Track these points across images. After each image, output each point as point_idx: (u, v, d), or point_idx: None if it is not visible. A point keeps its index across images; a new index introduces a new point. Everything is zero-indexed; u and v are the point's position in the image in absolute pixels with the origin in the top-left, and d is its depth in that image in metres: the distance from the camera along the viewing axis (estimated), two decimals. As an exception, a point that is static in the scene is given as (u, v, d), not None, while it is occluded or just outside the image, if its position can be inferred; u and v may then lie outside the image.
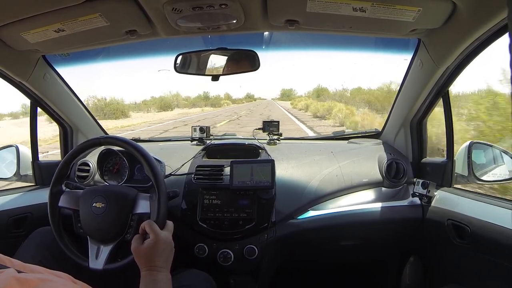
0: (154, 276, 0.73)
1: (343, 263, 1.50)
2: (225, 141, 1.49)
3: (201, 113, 24.19)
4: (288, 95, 49.82)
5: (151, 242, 0.76)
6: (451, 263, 1.07)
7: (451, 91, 1.14)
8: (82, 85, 54.85)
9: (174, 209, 1.16)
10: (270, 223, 1.14)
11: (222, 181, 1.19)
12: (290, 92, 51.30)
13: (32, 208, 1.22)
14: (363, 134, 1.60)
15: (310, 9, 0.87)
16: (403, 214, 1.18)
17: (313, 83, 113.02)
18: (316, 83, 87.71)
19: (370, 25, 0.95)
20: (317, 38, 1.44)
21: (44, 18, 0.87)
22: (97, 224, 0.92)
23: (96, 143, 1.00)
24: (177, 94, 35.95)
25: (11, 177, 1.36)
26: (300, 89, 56.37)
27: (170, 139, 1.74)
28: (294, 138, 1.67)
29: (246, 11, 0.89)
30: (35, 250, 0.96)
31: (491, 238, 0.88)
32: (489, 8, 0.78)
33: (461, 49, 0.94)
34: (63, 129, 1.46)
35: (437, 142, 1.61)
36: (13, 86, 1.21)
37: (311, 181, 1.22)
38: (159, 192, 0.88)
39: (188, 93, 52.24)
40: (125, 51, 1.43)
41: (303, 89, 68.10)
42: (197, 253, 1.13)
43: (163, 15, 0.88)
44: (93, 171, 1.32)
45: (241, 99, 48.49)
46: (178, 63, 1.18)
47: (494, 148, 1.20)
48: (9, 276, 0.42)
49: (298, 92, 48.59)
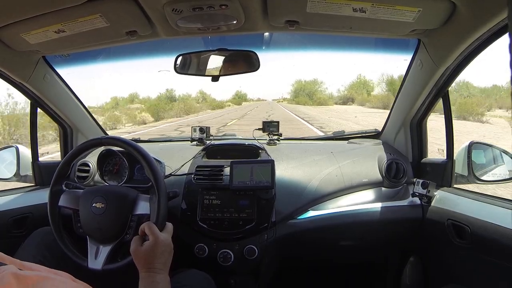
0: (153, 278, 0.73)
1: (343, 263, 1.50)
2: (225, 142, 1.49)
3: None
4: (311, 92, 37.49)
5: (150, 244, 0.76)
6: (451, 263, 1.07)
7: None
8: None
9: (174, 209, 1.16)
10: (270, 223, 1.14)
11: (222, 181, 1.19)
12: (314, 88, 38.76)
13: (32, 208, 1.22)
14: (363, 134, 1.60)
15: (310, 9, 0.87)
16: (403, 214, 1.19)
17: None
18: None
19: (370, 25, 0.95)
20: (317, 38, 1.44)
21: (44, 19, 0.87)
22: (97, 224, 0.92)
23: (96, 143, 1.01)
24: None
25: (11, 177, 1.36)
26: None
27: (170, 139, 1.74)
28: (294, 138, 1.67)
29: (246, 12, 0.89)
30: (35, 250, 0.96)
31: (491, 238, 0.88)
32: (489, 8, 0.78)
33: (461, 49, 0.94)
34: (63, 129, 1.46)
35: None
36: (13, 87, 1.21)
37: (311, 181, 1.22)
38: (159, 193, 0.89)
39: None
40: (125, 51, 1.44)
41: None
42: (197, 253, 1.13)
43: (163, 16, 0.88)
44: (93, 171, 1.32)
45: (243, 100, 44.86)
46: (178, 64, 1.18)
47: (494, 148, 1.20)
48: (8, 273, 0.42)
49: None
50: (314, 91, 38.85)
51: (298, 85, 41.43)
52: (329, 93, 38.59)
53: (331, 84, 63.80)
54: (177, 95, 34.05)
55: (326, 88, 41.52)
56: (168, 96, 32.28)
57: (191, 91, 53.16)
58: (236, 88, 50.28)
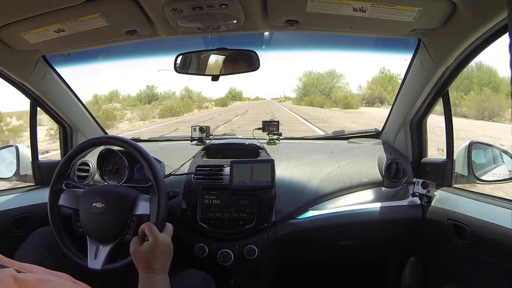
0: (152, 278, 0.73)
1: (343, 263, 1.50)
2: (225, 141, 1.48)
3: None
4: (326, 89, 27.11)
5: (150, 244, 0.76)
6: (451, 263, 1.07)
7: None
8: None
9: (174, 209, 1.16)
10: (270, 223, 1.14)
11: (222, 181, 1.19)
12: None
13: (32, 208, 1.22)
14: (363, 134, 1.59)
15: (310, 9, 0.87)
16: (403, 214, 1.18)
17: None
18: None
19: (370, 25, 0.95)
20: (317, 38, 1.44)
21: (44, 18, 0.87)
22: (97, 224, 0.92)
23: (96, 142, 1.00)
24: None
25: (11, 177, 1.36)
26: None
27: (170, 139, 1.74)
28: (294, 138, 1.67)
29: (246, 11, 0.89)
30: (35, 250, 0.96)
31: (491, 238, 0.88)
32: (489, 8, 0.78)
33: (461, 49, 0.94)
34: (63, 129, 1.46)
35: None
36: (13, 86, 1.21)
37: (311, 181, 1.22)
38: (159, 193, 0.88)
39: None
40: (125, 51, 1.43)
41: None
42: (197, 253, 1.13)
43: (163, 15, 0.88)
44: (93, 171, 1.32)
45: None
46: (178, 63, 1.18)
47: (494, 148, 1.20)
48: (8, 276, 0.42)
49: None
50: (331, 87, 29.74)
51: (309, 79, 31.62)
52: (349, 91, 29.06)
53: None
54: (159, 93, 30.57)
55: (347, 84, 31.60)
56: (149, 94, 29.04)
57: (177, 88, 49.09)
58: (231, 85, 43.55)
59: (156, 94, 30.66)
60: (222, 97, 38.62)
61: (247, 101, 39.94)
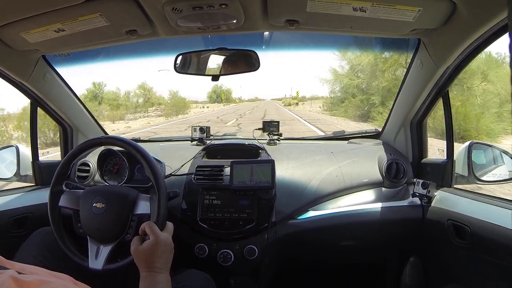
0: (153, 277, 0.73)
1: (343, 263, 1.50)
2: (225, 141, 1.48)
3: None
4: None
5: (150, 243, 0.76)
6: (451, 263, 1.07)
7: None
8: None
9: (174, 210, 1.16)
10: (270, 223, 1.13)
11: (222, 181, 1.19)
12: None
13: (32, 208, 1.22)
14: (363, 134, 1.59)
15: (310, 9, 0.87)
16: (403, 214, 1.18)
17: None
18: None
19: (370, 25, 0.95)
20: (317, 38, 1.44)
21: (44, 18, 0.86)
22: (97, 224, 0.92)
23: (96, 143, 1.00)
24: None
25: (11, 177, 1.36)
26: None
27: (170, 139, 1.74)
28: (294, 138, 1.67)
29: (246, 11, 0.89)
30: (35, 250, 0.96)
31: (491, 238, 0.88)
32: (489, 8, 0.78)
33: (461, 49, 0.94)
34: (63, 129, 1.46)
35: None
36: (13, 86, 1.21)
37: (311, 181, 1.22)
38: (159, 193, 0.88)
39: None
40: (125, 51, 1.43)
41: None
42: (197, 253, 1.13)
43: (163, 15, 0.88)
44: (93, 171, 1.32)
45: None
46: (178, 63, 1.18)
47: (494, 148, 1.20)
48: (8, 278, 0.42)
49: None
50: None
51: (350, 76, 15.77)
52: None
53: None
54: (105, 91, 24.35)
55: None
56: (94, 95, 22.92)
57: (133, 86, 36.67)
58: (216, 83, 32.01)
59: (101, 93, 24.38)
60: (212, 97, 29.59)
61: (242, 104, 31.24)
